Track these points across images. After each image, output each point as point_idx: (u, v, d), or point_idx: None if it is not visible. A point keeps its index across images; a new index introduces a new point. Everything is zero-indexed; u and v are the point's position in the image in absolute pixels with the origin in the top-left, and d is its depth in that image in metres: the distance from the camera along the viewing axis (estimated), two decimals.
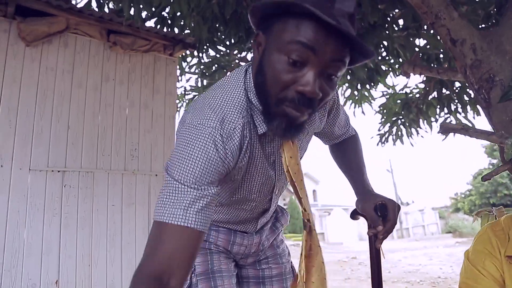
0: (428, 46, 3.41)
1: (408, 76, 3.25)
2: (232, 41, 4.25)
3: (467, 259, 1.17)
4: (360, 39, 0.84)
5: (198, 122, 0.84)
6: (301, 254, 1.09)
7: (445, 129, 1.56)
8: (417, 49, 3.40)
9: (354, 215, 1.23)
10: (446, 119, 4.60)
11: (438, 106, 4.60)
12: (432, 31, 2.97)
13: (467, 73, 1.84)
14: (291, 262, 1.40)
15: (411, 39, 3.30)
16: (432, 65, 3.46)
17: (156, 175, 3.86)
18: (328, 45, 0.78)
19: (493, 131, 1.58)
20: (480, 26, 2.58)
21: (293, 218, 18.29)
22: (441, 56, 3.51)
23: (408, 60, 3.13)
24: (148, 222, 3.75)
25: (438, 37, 2.47)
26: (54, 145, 3.36)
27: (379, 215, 1.06)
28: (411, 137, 4.94)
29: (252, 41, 0.92)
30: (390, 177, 27.48)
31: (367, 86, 4.90)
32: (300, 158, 1.08)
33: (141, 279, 0.73)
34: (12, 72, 3.26)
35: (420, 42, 3.55)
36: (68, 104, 3.51)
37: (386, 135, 4.98)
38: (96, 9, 3.74)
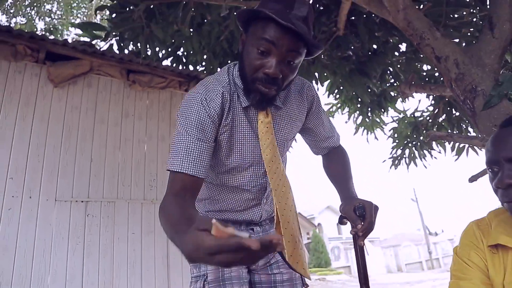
0: (424, 67, 3.55)
1: (405, 96, 3.38)
2: None
3: (455, 253, 1.23)
4: (310, 35, 1.14)
5: (191, 95, 1.19)
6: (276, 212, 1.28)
7: (433, 137, 1.67)
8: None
9: (341, 219, 1.34)
10: None
11: (449, 127, 4.66)
12: None
13: (453, 86, 1.96)
14: None
15: (410, 62, 3.46)
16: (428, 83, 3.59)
17: None
18: (285, 39, 1.08)
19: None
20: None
21: (318, 252, 17.92)
22: (436, 74, 3.64)
23: (404, 80, 3.28)
24: (167, 250, 3.87)
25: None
26: (78, 177, 3.60)
27: (358, 215, 1.19)
28: (424, 159, 4.97)
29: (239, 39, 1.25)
30: (415, 206, 26.65)
31: (378, 112, 5.03)
32: (285, 145, 1.35)
33: (165, 202, 1.04)
34: (41, 111, 3.57)
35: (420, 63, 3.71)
36: (91, 139, 3.77)
37: (399, 158, 5.03)
38: (117, 51, 4.08)
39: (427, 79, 3.69)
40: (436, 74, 3.65)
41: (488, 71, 1.88)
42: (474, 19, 2.59)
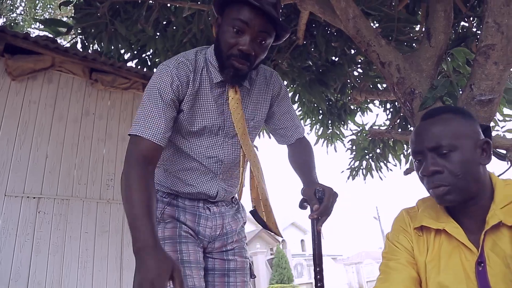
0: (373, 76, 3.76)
1: (357, 102, 3.56)
2: None
3: (387, 238, 1.31)
4: (278, 18, 1.26)
5: (159, 67, 1.31)
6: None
7: (373, 134, 1.79)
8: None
9: (302, 204, 1.39)
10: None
11: (404, 141, 4.88)
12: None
13: (395, 89, 2.11)
14: (251, 260, 1.56)
15: (366, 73, 3.65)
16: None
17: None
18: (257, 20, 1.23)
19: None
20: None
21: (281, 268, 17.88)
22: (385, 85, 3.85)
23: (355, 88, 3.46)
24: (121, 251, 3.81)
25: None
26: (32, 172, 3.51)
27: (318, 198, 1.27)
28: (380, 171, 5.17)
29: (215, 22, 1.36)
30: (378, 224, 27.20)
31: (338, 124, 5.22)
32: (250, 125, 1.44)
33: (128, 171, 1.16)
34: None
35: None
36: (48, 135, 3.71)
37: (356, 169, 5.21)
38: (81, 49, 4.06)
39: (378, 85, 3.91)
40: (385, 85, 3.86)
41: (425, 76, 2.04)
42: (422, 35, 2.80)
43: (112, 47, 3.30)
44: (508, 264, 0.98)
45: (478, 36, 1.78)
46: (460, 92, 1.88)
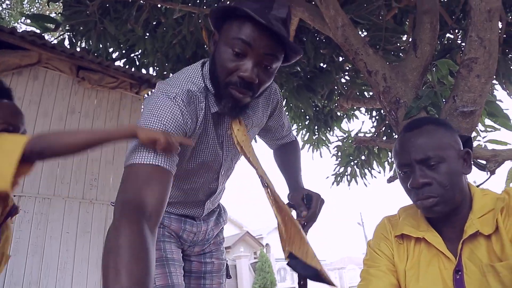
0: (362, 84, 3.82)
1: (344, 109, 3.61)
2: None
3: (369, 245, 1.33)
4: (289, 38, 1.04)
5: (166, 91, 1.03)
6: (272, 207, 1.24)
7: (358, 141, 1.82)
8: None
9: None
10: None
11: (388, 148, 4.95)
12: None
13: (381, 98, 2.15)
14: (227, 261, 1.56)
15: (354, 80, 3.70)
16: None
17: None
18: (262, 41, 0.99)
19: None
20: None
21: (264, 272, 17.86)
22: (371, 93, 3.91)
23: (342, 95, 3.50)
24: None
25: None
26: None
27: (305, 203, 1.27)
28: (365, 177, 5.23)
29: (211, 38, 1.14)
30: (361, 230, 27.45)
31: (324, 130, 5.27)
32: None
33: (121, 209, 0.82)
34: None
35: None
36: (31, 132, 3.63)
37: (341, 175, 5.26)
38: (68, 47, 4.01)
39: (364, 93, 3.97)
40: (371, 93, 3.92)
41: (410, 86, 2.08)
42: (409, 45, 2.86)
43: (101, 46, 3.27)
44: (484, 273, 1.00)
45: (463, 48, 1.83)
46: (444, 102, 1.92)
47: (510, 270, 0.95)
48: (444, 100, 2.05)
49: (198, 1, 3.43)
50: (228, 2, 3.50)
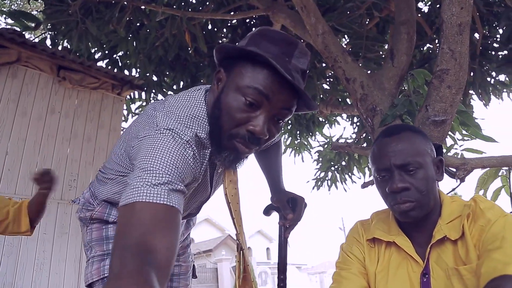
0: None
1: (323, 115, 3.67)
2: (180, 85, 4.57)
3: (341, 248, 1.36)
4: (307, 94, 0.93)
5: (176, 130, 0.89)
6: (237, 276, 1.17)
7: (335, 147, 1.86)
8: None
9: (267, 211, 1.42)
10: None
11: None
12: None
13: (358, 105, 2.20)
14: (193, 261, 1.56)
15: (335, 87, 3.77)
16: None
17: None
18: (281, 95, 0.89)
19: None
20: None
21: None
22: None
23: (323, 101, 3.56)
24: (80, 253, 3.72)
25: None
26: None
27: (290, 206, 1.31)
28: (345, 182, 5.31)
29: (214, 75, 1.00)
30: (343, 235, 27.65)
31: (306, 135, 5.34)
32: None
33: (121, 258, 0.67)
34: None
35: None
36: (9, 131, 3.58)
37: (322, 180, 5.32)
38: (50, 46, 3.96)
39: (347, 99, 4.04)
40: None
41: (387, 94, 2.15)
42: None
43: (82, 46, 3.25)
44: (449, 276, 1.05)
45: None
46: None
47: (473, 274, 0.98)
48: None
49: (182, 3, 3.44)
50: (240, 39, 3.51)
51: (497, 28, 3.48)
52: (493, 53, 3.36)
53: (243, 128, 0.90)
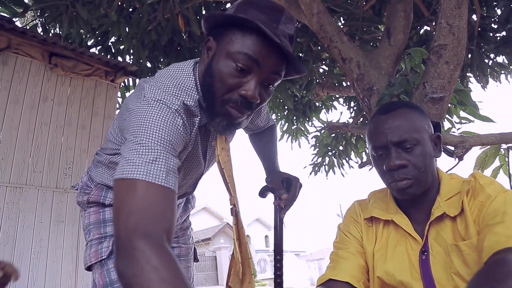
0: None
1: (319, 97, 3.63)
2: None
3: (339, 228, 1.35)
4: (295, 57, 0.95)
5: (164, 100, 0.90)
6: (235, 238, 1.19)
7: (331, 127, 1.83)
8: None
9: (263, 192, 1.41)
10: None
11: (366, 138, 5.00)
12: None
13: (354, 85, 2.17)
14: (194, 245, 1.56)
15: (331, 70, 3.73)
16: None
17: None
18: (270, 59, 0.91)
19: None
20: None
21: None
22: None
23: (319, 83, 3.53)
24: (77, 241, 3.70)
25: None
26: None
27: (285, 187, 1.30)
28: (342, 168, 5.29)
29: (203, 44, 1.00)
30: (340, 221, 27.77)
31: (302, 120, 5.30)
32: None
33: (129, 240, 0.71)
34: None
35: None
36: (1, 119, 3.53)
37: (319, 165, 5.30)
38: (41, 33, 3.88)
39: (343, 83, 4.01)
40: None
41: (384, 73, 2.11)
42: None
43: (72, 30, 3.18)
44: (448, 252, 1.03)
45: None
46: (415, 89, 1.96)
47: (473, 249, 0.97)
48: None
49: None
50: (227, 5, 3.45)
51: (496, 8, 3.43)
52: (491, 34, 3.31)
53: (235, 93, 0.94)
